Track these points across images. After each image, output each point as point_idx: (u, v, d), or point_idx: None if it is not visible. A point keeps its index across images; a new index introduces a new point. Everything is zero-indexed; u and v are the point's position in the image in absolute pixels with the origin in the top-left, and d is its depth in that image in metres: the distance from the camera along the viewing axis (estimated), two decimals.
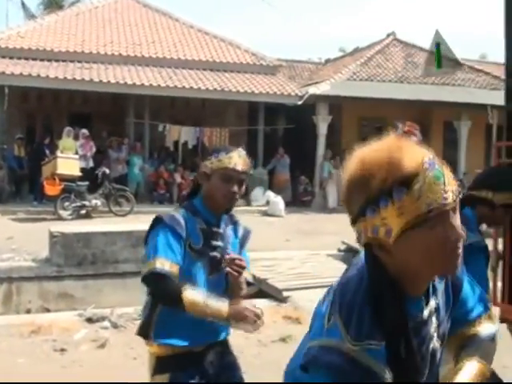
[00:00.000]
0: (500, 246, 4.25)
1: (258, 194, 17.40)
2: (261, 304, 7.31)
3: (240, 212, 14.18)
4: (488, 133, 17.61)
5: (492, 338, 1.61)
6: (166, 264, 2.50)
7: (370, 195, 1.26)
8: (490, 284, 4.23)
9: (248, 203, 16.83)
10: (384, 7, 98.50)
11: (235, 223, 2.86)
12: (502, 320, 4.15)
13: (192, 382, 2.64)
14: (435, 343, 1.44)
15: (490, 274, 4.23)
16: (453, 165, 8.47)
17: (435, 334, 1.44)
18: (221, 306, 2.49)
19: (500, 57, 4.57)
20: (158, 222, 2.63)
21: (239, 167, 2.64)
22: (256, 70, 19.98)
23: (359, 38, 73.01)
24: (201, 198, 2.72)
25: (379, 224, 1.26)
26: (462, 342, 1.57)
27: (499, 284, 4.20)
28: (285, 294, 7.51)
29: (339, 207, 17.69)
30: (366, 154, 1.31)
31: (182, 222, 2.60)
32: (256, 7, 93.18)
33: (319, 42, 69.31)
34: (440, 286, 1.47)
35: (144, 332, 2.67)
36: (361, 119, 20.03)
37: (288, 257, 9.94)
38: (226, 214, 2.77)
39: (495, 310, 4.20)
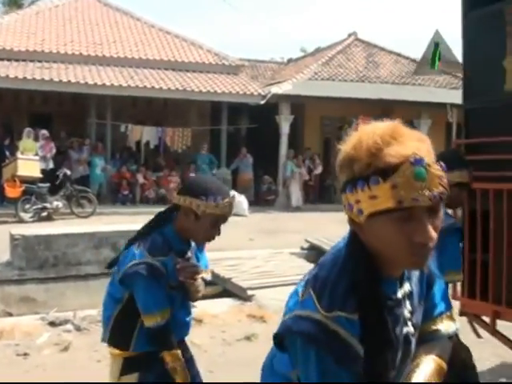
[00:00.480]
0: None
1: None
2: (225, 303, 7.35)
3: None
4: (448, 131, 17.90)
5: (450, 337, 1.64)
6: (160, 317, 2.56)
7: (352, 175, 1.30)
8: None
9: None
10: (345, 7, 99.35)
11: None
12: (462, 314, 4.24)
13: (161, 380, 2.66)
14: (410, 328, 1.47)
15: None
16: None
17: (409, 319, 1.46)
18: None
19: (459, 57, 4.68)
20: (141, 276, 2.54)
21: (229, 215, 2.62)
22: (218, 70, 19.96)
23: (321, 38, 73.55)
24: (173, 228, 2.66)
25: (353, 203, 1.31)
26: (423, 337, 1.58)
27: None
28: (249, 292, 7.54)
29: (302, 206, 17.83)
30: (363, 134, 1.32)
31: (163, 269, 2.56)
32: (218, 7, 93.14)
33: (281, 42, 69.58)
34: (415, 274, 1.51)
35: (125, 345, 2.67)
36: (323, 118, 20.18)
37: (252, 256, 9.96)
38: None
39: (455, 304, 4.30)
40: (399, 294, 1.43)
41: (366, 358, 1.32)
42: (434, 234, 1.28)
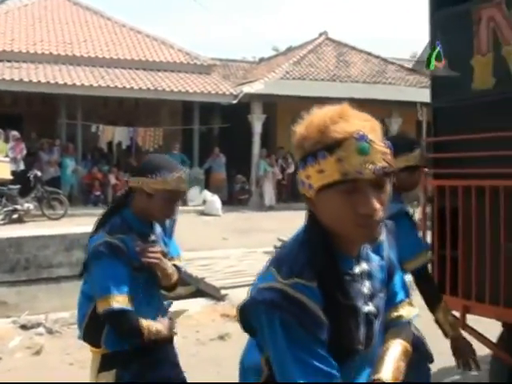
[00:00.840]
0: (429, 238, 4.40)
1: (194, 193, 17.35)
2: (199, 303, 7.34)
3: None
4: (419, 129, 18.10)
5: (410, 322, 1.74)
6: (120, 300, 2.49)
7: (303, 153, 1.40)
8: None
9: (184, 203, 16.76)
10: (316, 7, 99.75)
11: None
12: None
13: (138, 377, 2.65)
14: (370, 308, 1.52)
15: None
16: None
17: (369, 299, 1.52)
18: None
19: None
20: (100, 255, 2.53)
21: (183, 189, 2.64)
22: (190, 70, 19.91)
23: (293, 37, 73.80)
24: (131, 210, 2.66)
25: (305, 179, 1.40)
26: (388, 323, 1.67)
27: None
28: (222, 292, 7.54)
29: (276, 205, 17.87)
30: (315, 115, 1.43)
31: (123, 247, 2.55)
32: (189, 7, 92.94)
33: (253, 41, 69.70)
34: (376, 259, 1.58)
35: (98, 343, 2.66)
36: (295, 117, 20.20)
37: (225, 255, 9.98)
38: None
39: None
40: (356, 270, 1.50)
41: (331, 326, 1.38)
42: (378, 206, 1.35)
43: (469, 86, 4.24)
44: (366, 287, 1.51)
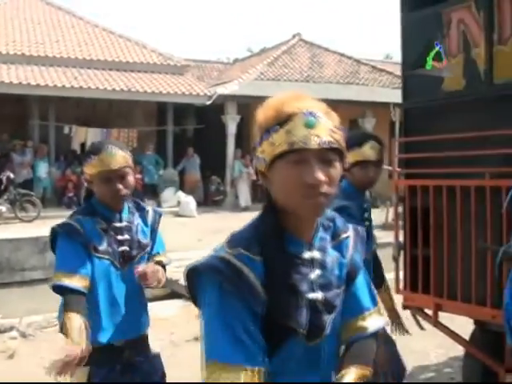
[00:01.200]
0: (401, 238, 4.46)
1: (168, 194, 17.30)
2: (173, 304, 7.33)
3: None
4: (392, 129, 18.26)
5: (376, 333, 1.71)
6: (71, 278, 2.51)
7: (261, 131, 1.49)
8: (393, 274, 4.44)
9: (159, 204, 16.70)
10: (290, 8, 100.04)
11: (142, 210, 2.87)
12: (405, 307, 4.35)
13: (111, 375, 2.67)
14: (318, 295, 1.54)
15: (392, 264, 4.43)
16: None
17: (318, 287, 1.54)
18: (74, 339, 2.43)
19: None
20: (55, 234, 2.63)
21: (115, 166, 2.62)
22: (163, 70, 19.83)
23: (267, 38, 73.93)
24: (96, 198, 2.74)
25: (260, 154, 1.48)
26: (351, 335, 1.67)
27: (401, 273, 4.40)
28: None
29: (251, 205, 17.88)
30: (273, 99, 1.52)
31: (79, 227, 2.60)
32: (163, 6, 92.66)
33: (227, 42, 69.66)
34: (334, 254, 1.61)
35: None
36: None
37: (200, 256, 9.88)
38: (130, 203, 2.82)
39: (398, 298, 4.41)
40: (306, 255, 1.54)
41: (269, 302, 1.44)
42: (323, 178, 1.42)
43: (439, 87, 4.30)
44: (314, 275, 1.54)
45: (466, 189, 3.78)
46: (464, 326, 4.16)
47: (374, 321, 1.71)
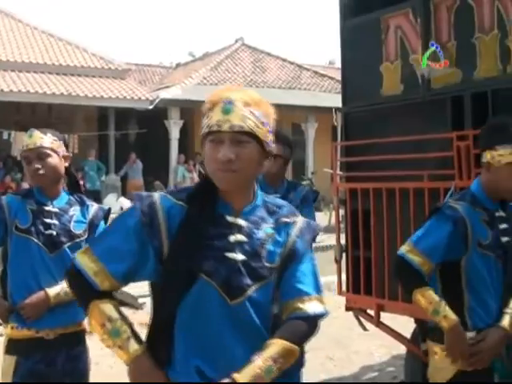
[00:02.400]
0: (343, 240, 4.52)
1: (110, 200, 17.02)
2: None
3: None
4: (334, 134, 18.49)
5: (313, 318, 1.78)
6: None
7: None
8: (335, 277, 4.49)
9: None
10: (232, 13, 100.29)
11: (84, 205, 2.93)
12: (347, 308, 4.41)
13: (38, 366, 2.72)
14: (237, 256, 1.72)
15: (334, 266, 4.48)
16: (301, 165, 8.86)
17: (238, 249, 1.72)
18: None
19: None
20: None
21: (30, 146, 2.77)
22: (104, 74, 19.54)
23: (209, 42, 73.84)
24: None
25: (201, 130, 1.74)
26: (287, 316, 1.76)
27: (343, 275, 4.45)
28: (140, 300, 7.45)
29: None
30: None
31: (5, 205, 2.75)
32: (103, 10, 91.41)
33: (169, 46, 69.21)
34: (269, 230, 1.78)
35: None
36: None
37: None
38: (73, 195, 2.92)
39: (341, 300, 4.47)
40: (229, 219, 1.74)
41: (177, 243, 1.68)
42: (231, 156, 1.66)
43: (378, 91, 4.38)
44: (235, 238, 1.73)
45: (405, 191, 3.86)
46: (405, 325, 4.24)
47: (313, 306, 1.78)
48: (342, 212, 4.80)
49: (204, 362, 1.67)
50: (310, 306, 1.77)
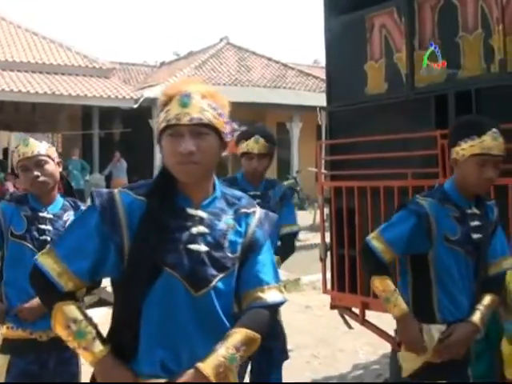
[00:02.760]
0: (328, 239, 4.52)
1: None
2: (101, 312, 7.16)
3: None
4: (319, 133, 18.53)
5: (273, 306, 1.85)
6: None
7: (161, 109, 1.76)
8: (320, 275, 4.49)
9: None
10: (217, 12, 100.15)
11: (78, 209, 2.97)
12: (332, 307, 4.42)
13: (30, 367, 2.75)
14: (200, 247, 1.74)
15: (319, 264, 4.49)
16: (286, 163, 8.86)
17: (201, 240, 1.75)
18: None
19: None
20: None
21: (29, 154, 2.81)
22: (89, 73, 19.42)
23: (193, 41, 73.74)
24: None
25: (158, 125, 1.75)
26: (248, 305, 1.81)
27: (328, 274, 4.46)
28: None
29: None
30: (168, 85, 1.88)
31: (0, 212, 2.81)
32: (87, 8, 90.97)
33: (153, 45, 68.99)
34: (230, 221, 1.81)
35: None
36: None
37: None
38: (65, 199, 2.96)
39: (326, 298, 4.48)
40: (190, 211, 1.76)
41: (139, 237, 1.69)
42: (193, 148, 1.68)
43: (362, 90, 4.40)
44: (197, 229, 1.75)
45: (390, 189, 3.88)
46: (390, 323, 4.23)
47: (273, 295, 1.83)
48: (326, 211, 4.81)
49: (168, 354, 1.69)
50: (270, 295, 1.82)
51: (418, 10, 4.06)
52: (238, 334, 1.71)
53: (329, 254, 4.45)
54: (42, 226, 2.82)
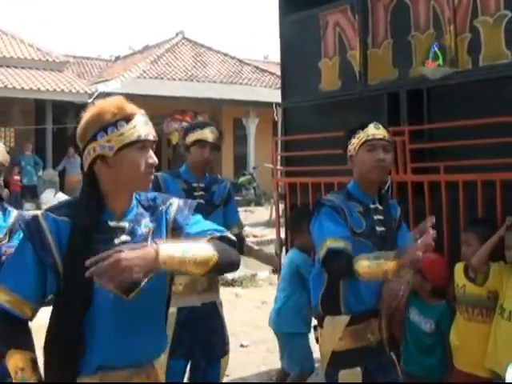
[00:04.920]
0: (283, 235, 4.56)
1: (48, 196, 16.65)
2: None
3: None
4: (275, 129, 18.60)
5: (227, 237, 2.04)
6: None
7: (101, 126, 1.87)
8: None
9: (38, 207, 16.09)
10: (170, 6, 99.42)
11: (4, 211, 3.12)
12: None
13: None
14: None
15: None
16: (243, 159, 8.87)
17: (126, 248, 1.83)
18: None
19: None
20: None
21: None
22: (42, 66, 19.04)
23: (148, 36, 72.98)
24: None
25: (105, 143, 1.86)
26: None
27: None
28: None
29: None
30: (101, 102, 1.95)
31: None
32: (40, 0, 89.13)
33: (108, 38, 68.06)
34: (149, 224, 1.98)
35: None
36: (153, 117, 19.80)
37: None
38: None
39: None
40: (112, 224, 1.91)
41: (70, 256, 1.83)
42: (157, 160, 1.93)
43: (317, 87, 4.44)
44: (119, 239, 1.90)
45: (344, 185, 3.92)
46: None
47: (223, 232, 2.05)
48: (282, 206, 4.84)
49: (106, 361, 1.87)
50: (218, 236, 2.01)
51: (372, 8, 4.12)
52: (200, 242, 1.91)
53: (284, 249, 4.49)
54: None
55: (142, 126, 1.91)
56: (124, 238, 1.91)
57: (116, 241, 1.89)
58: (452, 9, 3.61)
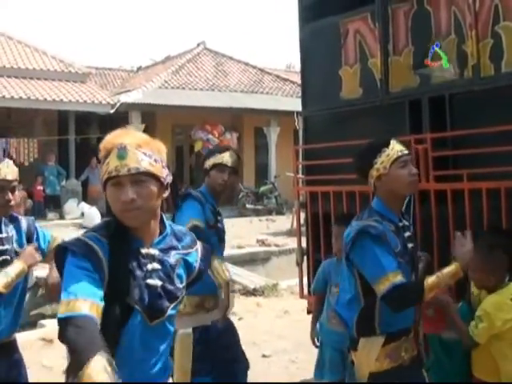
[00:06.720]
0: (304, 244, 4.53)
1: (71, 206, 16.79)
2: None
3: (53, 226, 13.29)
4: (296, 137, 18.58)
5: None
6: None
7: (102, 158, 1.91)
8: (297, 280, 4.49)
9: (61, 216, 16.22)
10: (193, 17, 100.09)
11: (15, 221, 3.10)
12: (309, 312, 4.43)
13: None
14: (155, 282, 1.94)
15: (296, 269, 4.49)
16: (264, 168, 8.85)
17: (156, 277, 1.94)
18: None
19: None
20: None
21: (9, 177, 2.95)
22: (64, 78, 19.25)
23: (170, 46, 73.47)
24: None
25: (101, 176, 1.91)
26: None
27: (305, 279, 4.47)
28: None
29: None
30: (108, 136, 1.96)
31: None
32: (62, 13, 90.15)
33: (129, 49, 68.65)
34: (177, 255, 2.02)
35: None
36: (175, 127, 20.14)
37: None
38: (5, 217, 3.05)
39: (304, 303, 4.47)
40: (144, 251, 1.93)
41: (110, 278, 1.83)
42: (134, 196, 1.84)
43: (337, 95, 4.42)
44: (151, 266, 1.94)
45: (365, 194, 3.89)
46: None
47: None
48: (303, 215, 4.82)
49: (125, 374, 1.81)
50: None
51: (392, 15, 4.10)
52: None
53: (305, 258, 4.46)
54: (1, 247, 2.97)
55: (114, 162, 1.87)
56: (155, 265, 1.95)
57: (149, 266, 1.94)
58: (473, 14, 3.58)
